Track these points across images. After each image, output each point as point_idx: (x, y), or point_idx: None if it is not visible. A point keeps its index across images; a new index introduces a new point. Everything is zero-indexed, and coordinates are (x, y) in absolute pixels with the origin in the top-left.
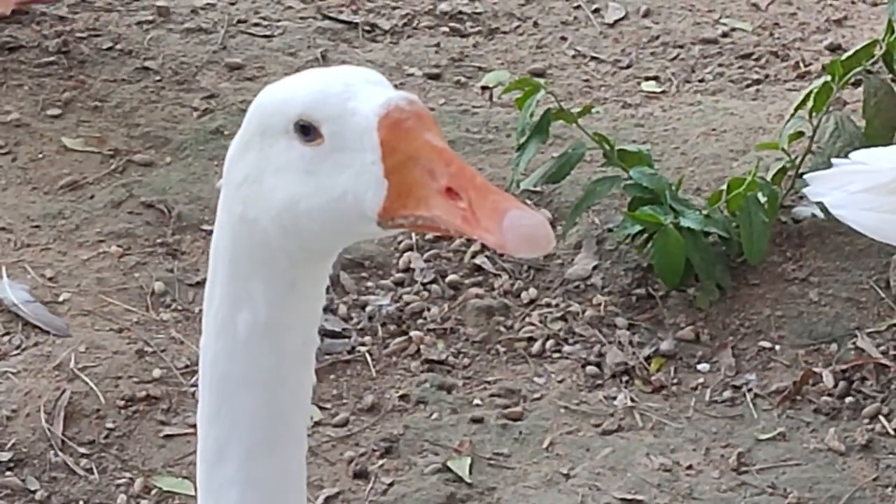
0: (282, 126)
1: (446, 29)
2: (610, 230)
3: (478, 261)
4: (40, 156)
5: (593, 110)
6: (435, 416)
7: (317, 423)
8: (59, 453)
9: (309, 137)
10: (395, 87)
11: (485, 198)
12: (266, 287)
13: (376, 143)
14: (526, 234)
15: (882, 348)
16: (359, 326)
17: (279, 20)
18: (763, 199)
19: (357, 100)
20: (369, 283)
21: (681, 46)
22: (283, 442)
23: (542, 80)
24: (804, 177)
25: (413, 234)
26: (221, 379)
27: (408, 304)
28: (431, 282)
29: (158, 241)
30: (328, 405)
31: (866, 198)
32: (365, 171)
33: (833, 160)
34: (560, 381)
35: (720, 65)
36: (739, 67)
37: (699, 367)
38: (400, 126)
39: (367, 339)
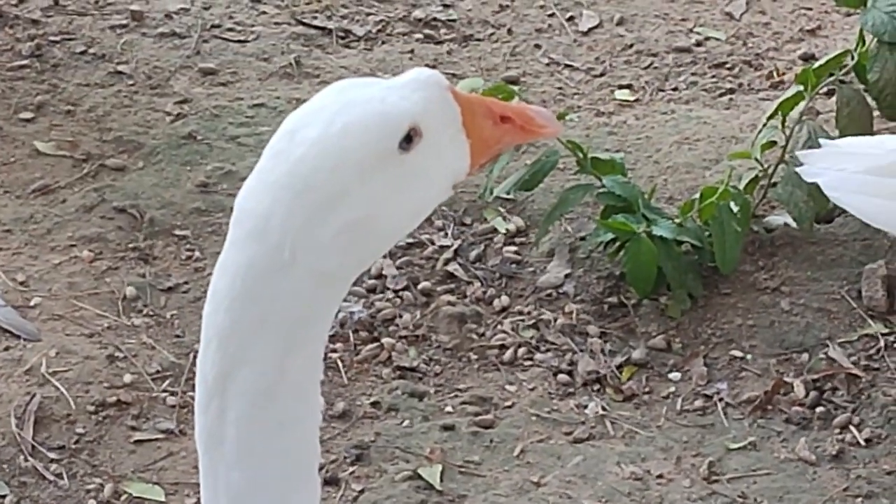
0: (390, 149)
1: (420, 35)
2: (582, 238)
3: (450, 268)
4: (12, 159)
5: (567, 118)
6: (406, 423)
7: None
8: (29, 458)
9: (410, 143)
10: None
11: (519, 111)
12: (325, 326)
13: (457, 112)
14: (552, 118)
15: (853, 358)
16: (330, 333)
17: (253, 25)
18: (735, 209)
19: (417, 91)
20: None
21: (654, 55)
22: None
23: (516, 88)
24: (797, 154)
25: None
26: (250, 421)
27: (380, 310)
28: (403, 288)
29: (130, 245)
30: None
31: (865, 180)
32: (456, 141)
33: (821, 140)
34: (531, 389)
35: (694, 74)
36: (713, 76)
37: (670, 375)
38: (455, 91)
39: (339, 345)
